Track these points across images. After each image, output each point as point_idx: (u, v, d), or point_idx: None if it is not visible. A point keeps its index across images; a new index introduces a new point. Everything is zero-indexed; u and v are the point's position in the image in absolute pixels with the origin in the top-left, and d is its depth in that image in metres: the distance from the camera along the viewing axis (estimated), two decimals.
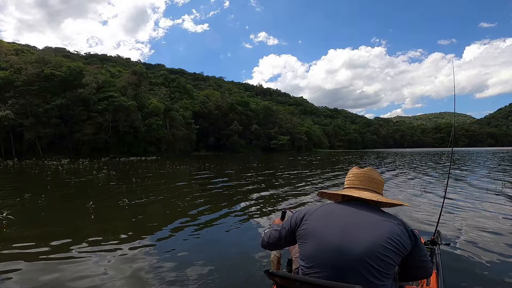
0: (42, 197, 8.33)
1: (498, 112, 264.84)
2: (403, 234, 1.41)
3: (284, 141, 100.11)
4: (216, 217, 6.58)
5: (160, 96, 75.43)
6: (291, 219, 1.63)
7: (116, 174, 17.10)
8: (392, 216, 1.49)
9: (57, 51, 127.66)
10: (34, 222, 6.16)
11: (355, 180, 1.69)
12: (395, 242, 1.37)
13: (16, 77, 52.98)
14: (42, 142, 52.75)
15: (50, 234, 5.16)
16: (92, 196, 9.17)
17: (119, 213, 6.87)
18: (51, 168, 21.93)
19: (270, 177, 15.49)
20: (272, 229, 1.74)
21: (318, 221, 1.50)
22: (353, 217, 1.46)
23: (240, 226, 5.85)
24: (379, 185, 1.69)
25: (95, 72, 67.57)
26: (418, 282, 2.31)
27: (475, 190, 9.88)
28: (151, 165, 27.62)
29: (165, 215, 7.02)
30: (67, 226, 5.80)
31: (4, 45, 69.95)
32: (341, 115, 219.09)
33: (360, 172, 1.70)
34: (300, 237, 1.53)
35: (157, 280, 3.39)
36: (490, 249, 4.30)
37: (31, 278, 3.46)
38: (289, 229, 1.62)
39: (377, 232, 1.38)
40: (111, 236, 5.08)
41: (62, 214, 6.99)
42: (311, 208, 1.59)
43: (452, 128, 3.69)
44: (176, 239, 5.04)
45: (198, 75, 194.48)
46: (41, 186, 11.93)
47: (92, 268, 3.74)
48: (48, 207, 7.45)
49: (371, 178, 1.68)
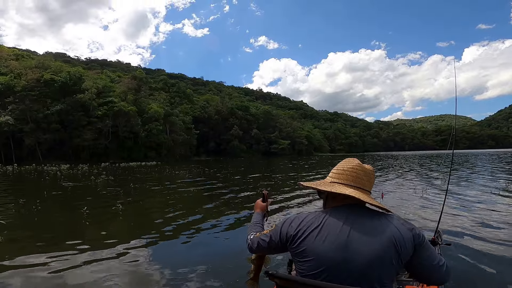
0: (37, 202, 8.22)
1: (498, 113, 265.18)
2: (406, 234, 1.32)
3: (284, 145, 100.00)
4: (213, 219, 6.52)
5: (160, 101, 75.49)
6: (280, 232, 1.48)
7: (114, 179, 17.00)
8: (392, 217, 1.38)
9: (58, 56, 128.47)
10: (25, 226, 6.07)
11: (348, 175, 1.48)
12: (399, 246, 1.29)
13: (16, 82, 52.92)
14: (42, 147, 52.66)
15: (40, 239, 5.07)
16: (87, 202, 9.07)
17: (113, 218, 6.79)
18: (50, 173, 21.84)
19: (268, 180, 15.36)
20: (260, 238, 1.59)
21: (316, 237, 1.34)
22: (353, 227, 1.32)
23: (238, 227, 5.80)
24: (371, 180, 1.50)
25: (94, 77, 67.71)
26: (418, 282, 2.27)
27: (476, 191, 9.94)
28: (150, 170, 27.55)
29: (160, 220, 6.89)
30: (58, 230, 5.71)
31: (5, 50, 69.85)
32: (341, 119, 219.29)
33: (354, 166, 1.49)
34: (296, 254, 1.40)
35: (151, 284, 3.32)
36: (490, 249, 4.30)
37: (15, 283, 3.38)
38: (279, 242, 1.49)
39: (381, 240, 1.28)
40: (104, 241, 4.99)
41: (55, 219, 6.91)
42: (303, 220, 1.41)
43: (453, 130, 3.66)
44: (172, 243, 4.98)
45: (198, 79, 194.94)
46: (37, 191, 11.83)
47: (82, 272, 3.66)
48: (41, 212, 7.35)
49: (365, 172, 1.48)
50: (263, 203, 1.92)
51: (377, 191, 9.75)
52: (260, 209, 1.90)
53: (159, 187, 13.58)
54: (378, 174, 18.00)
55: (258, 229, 1.73)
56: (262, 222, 1.83)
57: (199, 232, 5.59)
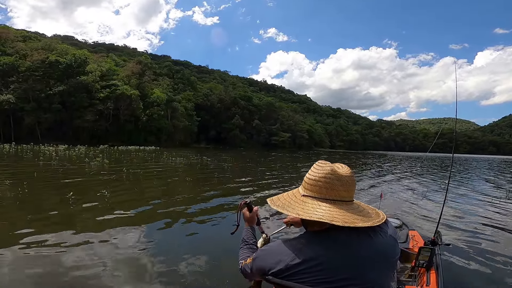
0: (24, 184, 8.11)
1: (502, 120, 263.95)
2: (398, 250, 1.23)
3: (285, 138, 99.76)
4: (209, 213, 6.45)
5: (163, 86, 75.17)
6: (257, 270, 1.26)
7: (109, 163, 16.86)
8: (388, 230, 1.21)
9: (65, 39, 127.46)
10: (5, 208, 5.97)
11: (322, 187, 1.18)
12: (396, 261, 1.22)
13: (21, 62, 52.88)
14: (41, 127, 52.65)
15: (16, 224, 4.95)
16: (76, 185, 8.97)
17: (99, 204, 6.63)
18: (46, 154, 21.73)
19: (270, 175, 15.24)
20: (246, 267, 1.37)
21: (315, 276, 1.08)
22: (356, 256, 1.10)
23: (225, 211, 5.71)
24: (351, 187, 1.22)
25: (99, 60, 67.35)
26: (418, 282, 2.43)
27: (475, 193, 10.49)
28: (148, 155, 27.43)
29: (147, 207, 6.77)
30: (38, 215, 5.57)
31: (12, 32, 69.75)
32: (344, 115, 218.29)
33: (326, 175, 1.19)
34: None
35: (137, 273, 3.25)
36: (490, 249, 4.46)
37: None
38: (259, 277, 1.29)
39: (385, 266, 1.16)
40: (86, 227, 4.92)
41: (38, 203, 6.77)
42: (289, 255, 1.13)
43: (454, 133, 3.80)
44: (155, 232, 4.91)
45: (203, 68, 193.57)
46: (28, 172, 11.72)
47: (51, 260, 3.58)
48: (25, 195, 7.24)
49: (341, 182, 1.18)
50: (250, 213, 1.73)
51: (376, 192, 9.82)
52: (249, 222, 1.73)
53: (153, 173, 13.46)
54: (373, 175, 17.88)
55: (247, 253, 1.51)
56: (252, 239, 1.63)
57: (191, 222, 5.55)
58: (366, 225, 1.11)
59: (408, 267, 2.74)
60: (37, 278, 3.21)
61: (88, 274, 3.31)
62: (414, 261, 2.63)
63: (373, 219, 1.15)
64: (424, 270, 2.60)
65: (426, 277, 2.49)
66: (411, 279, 2.56)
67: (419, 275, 2.60)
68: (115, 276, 3.34)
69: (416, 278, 2.57)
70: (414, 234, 3.64)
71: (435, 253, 2.64)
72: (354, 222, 1.10)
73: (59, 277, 3.24)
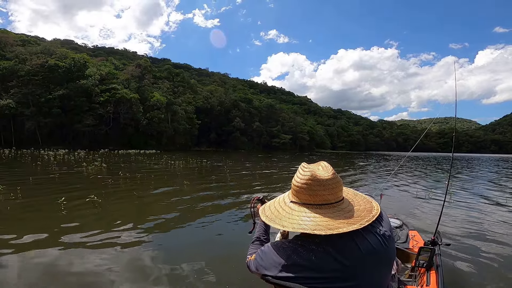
0: (18, 189, 7.97)
1: (503, 119, 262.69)
2: (392, 245, 1.22)
3: (286, 139, 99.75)
4: (209, 214, 6.36)
5: (163, 89, 75.22)
6: (255, 270, 1.28)
7: (107, 167, 16.74)
8: (381, 228, 1.19)
9: (65, 43, 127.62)
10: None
11: (306, 194, 1.17)
12: (391, 258, 1.22)
13: (21, 67, 52.95)
14: (42, 131, 52.66)
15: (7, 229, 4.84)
16: (70, 191, 8.87)
17: (90, 211, 6.48)
18: (44, 158, 21.65)
19: (270, 175, 15.11)
20: (251, 263, 1.36)
21: (307, 280, 1.10)
22: (348, 257, 1.09)
23: (238, 223, 5.55)
24: (335, 189, 1.18)
25: (98, 64, 67.45)
26: (418, 282, 2.43)
27: (476, 193, 10.12)
28: (147, 158, 27.32)
29: (141, 215, 6.63)
30: (29, 222, 5.44)
31: (11, 36, 69.83)
32: (344, 116, 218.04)
33: (306, 181, 1.17)
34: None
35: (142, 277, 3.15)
36: (489, 249, 4.41)
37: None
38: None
39: (378, 264, 1.15)
40: (76, 233, 4.77)
41: (29, 209, 6.63)
42: (280, 261, 1.14)
43: (453, 133, 3.75)
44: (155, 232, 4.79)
45: (203, 70, 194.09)
46: (24, 177, 11.60)
47: (50, 262, 3.53)
48: (18, 201, 7.10)
49: (323, 187, 1.16)
50: None
51: (376, 192, 9.61)
52: None
53: (150, 177, 13.33)
54: (373, 175, 17.73)
55: (255, 250, 1.44)
56: (264, 236, 1.62)
57: (191, 223, 5.43)
58: (351, 229, 1.09)
59: (408, 267, 2.78)
60: (37, 280, 3.17)
61: (88, 274, 3.30)
62: (414, 261, 2.64)
63: (361, 218, 1.13)
64: (424, 270, 2.59)
65: (426, 277, 2.47)
66: (411, 279, 2.57)
67: (419, 275, 2.60)
68: (117, 277, 3.30)
69: (416, 278, 2.58)
70: (414, 234, 3.62)
71: (435, 253, 2.63)
72: (338, 227, 1.08)
73: (60, 278, 3.22)
